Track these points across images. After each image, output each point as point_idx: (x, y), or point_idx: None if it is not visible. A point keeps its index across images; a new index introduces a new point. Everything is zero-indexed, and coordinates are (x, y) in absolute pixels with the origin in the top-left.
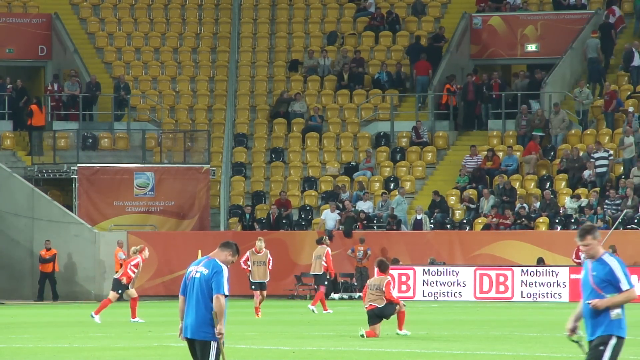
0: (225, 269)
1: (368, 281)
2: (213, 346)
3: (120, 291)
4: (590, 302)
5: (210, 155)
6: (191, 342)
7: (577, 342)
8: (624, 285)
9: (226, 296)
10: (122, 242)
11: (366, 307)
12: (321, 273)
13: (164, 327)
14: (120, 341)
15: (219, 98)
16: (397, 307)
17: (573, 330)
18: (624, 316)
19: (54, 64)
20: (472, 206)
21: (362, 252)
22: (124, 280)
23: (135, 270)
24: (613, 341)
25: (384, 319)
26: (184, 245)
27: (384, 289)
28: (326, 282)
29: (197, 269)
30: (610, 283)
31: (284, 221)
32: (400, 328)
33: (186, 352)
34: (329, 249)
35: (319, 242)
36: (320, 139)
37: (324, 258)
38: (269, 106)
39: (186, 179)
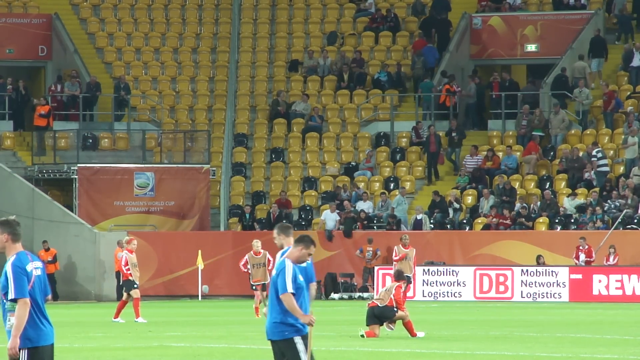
0: (288, 265)
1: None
2: (298, 341)
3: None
4: (10, 349)
5: (210, 155)
6: (273, 343)
7: None
8: (10, 294)
9: (293, 294)
10: (122, 242)
11: (368, 304)
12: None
13: (164, 327)
14: (120, 341)
15: (219, 98)
16: (403, 315)
17: None
18: (30, 324)
19: (54, 64)
20: (458, 205)
21: (371, 252)
22: (131, 278)
23: (128, 268)
24: (24, 354)
25: (383, 324)
26: (184, 245)
27: (393, 291)
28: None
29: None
30: (5, 290)
31: (284, 221)
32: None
33: (186, 352)
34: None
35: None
36: (320, 139)
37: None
38: (269, 106)
39: (186, 179)
